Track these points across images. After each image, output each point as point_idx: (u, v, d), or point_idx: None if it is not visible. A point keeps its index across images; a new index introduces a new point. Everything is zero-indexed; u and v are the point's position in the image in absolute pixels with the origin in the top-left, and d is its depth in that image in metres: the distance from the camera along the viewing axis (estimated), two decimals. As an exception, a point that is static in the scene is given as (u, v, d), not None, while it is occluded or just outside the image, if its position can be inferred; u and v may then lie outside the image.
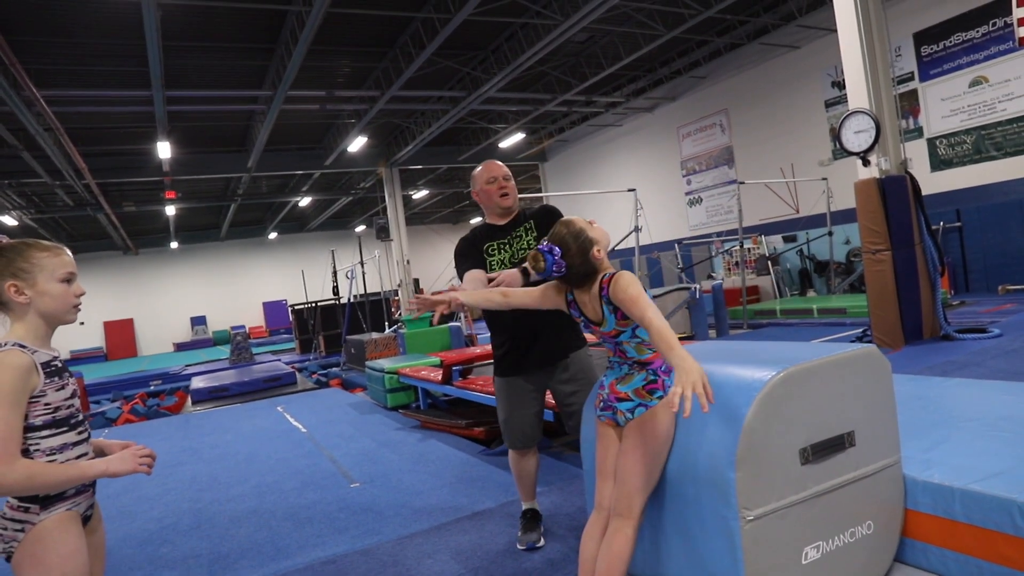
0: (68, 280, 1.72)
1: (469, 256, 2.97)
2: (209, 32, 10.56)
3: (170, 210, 21.36)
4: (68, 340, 26.63)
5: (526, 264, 2.33)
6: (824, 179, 12.00)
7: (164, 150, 13.78)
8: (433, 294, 2.71)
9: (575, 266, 2.10)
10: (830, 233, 11.72)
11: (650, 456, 2.05)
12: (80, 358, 25.03)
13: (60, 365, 1.70)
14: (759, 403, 1.90)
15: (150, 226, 25.71)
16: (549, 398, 3.10)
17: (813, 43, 13.24)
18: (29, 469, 1.54)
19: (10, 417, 1.52)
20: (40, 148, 12.92)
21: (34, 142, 12.64)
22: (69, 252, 1.78)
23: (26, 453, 1.59)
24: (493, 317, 3.00)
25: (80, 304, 1.76)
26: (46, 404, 1.61)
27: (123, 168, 16.56)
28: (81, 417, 1.72)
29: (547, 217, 3.01)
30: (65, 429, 1.65)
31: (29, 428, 1.60)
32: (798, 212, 14.07)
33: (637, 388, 2.07)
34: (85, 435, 1.72)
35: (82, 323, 26.85)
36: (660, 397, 2.05)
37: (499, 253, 2.99)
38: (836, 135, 7.37)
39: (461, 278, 2.94)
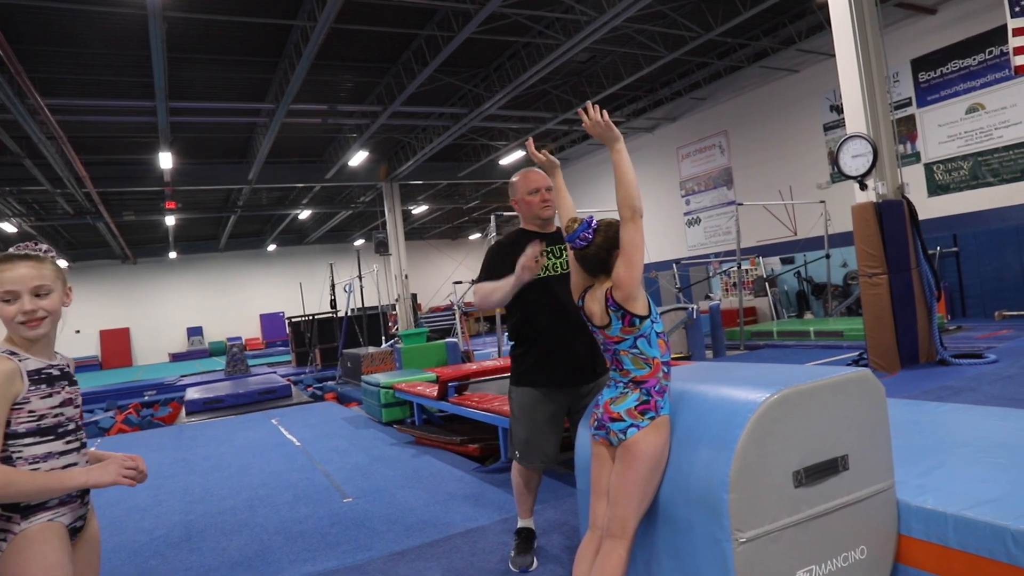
0: (7, 300, 1.66)
1: (494, 268, 2.90)
2: (213, 45, 10.65)
3: (170, 220, 21.40)
4: (63, 348, 26.33)
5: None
6: (822, 202, 12.07)
7: (165, 160, 13.83)
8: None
9: (594, 248, 2.18)
10: (827, 256, 11.76)
11: (643, 477, 2.05)
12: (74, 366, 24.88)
13: (56, 373, 1.69)
14: (753, 425, 1.90)
15: (149, 236, 25.72)
16: None
17: (812, 67, 13.39)
18: (5, 476, 1.53)
19: None
20: (42, 156, 12.96)
21: (36, 150, 12.69)
22: (21, 267, 1.69)
23: (8, 460, 1.58)
24: (525, 319, 2.93)
25: (28, 320, 1.67)
26: (30, 411, 1.60)
27: (124, 177, 16.59)
28: (72, 427, 1.70)
29: None
30: (51, 438, 1.64)
31: (12, 435, 1.58)
32: (796, 234, 14.13)
33: (630, 408, 2.08)
34: (75, 445, 1.70)
35: (78, 331, 26.77)
36: (652, 418, 2.06)
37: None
38: (834, 159, 7.42)
39: (480, 280, 2.94)
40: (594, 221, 2.21)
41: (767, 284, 13.12)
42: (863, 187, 6.73)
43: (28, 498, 1.58)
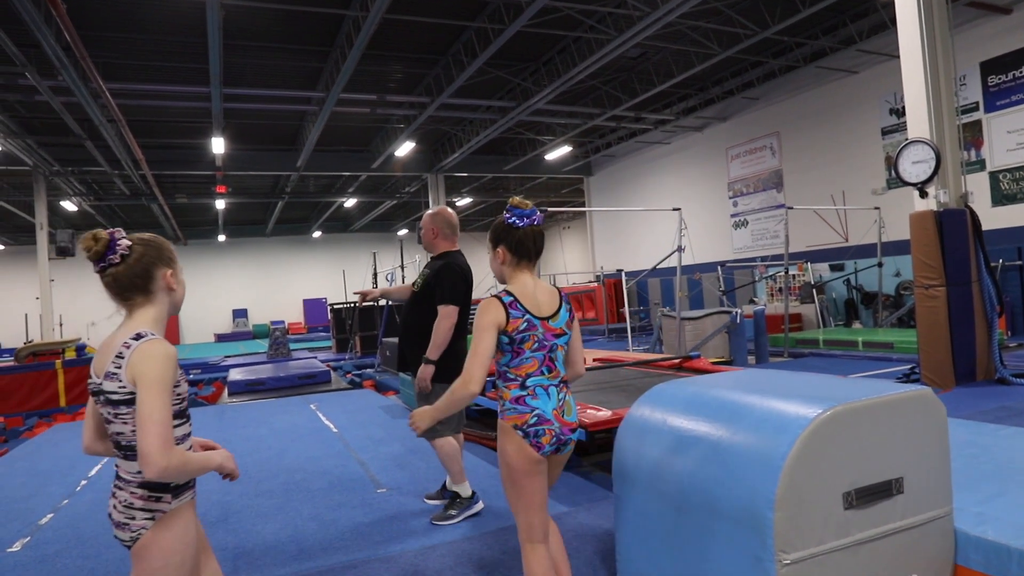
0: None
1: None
2: (268, 33, 10.83)
3: (220, 204, 21.94)
4: (116, 325, 27.44)
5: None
6: (877, 208, 11.66)
7: (218, 145, 14.16)
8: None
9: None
10: (880, 264, 11.37)
11: None
12: (126, 342, 25.74)
13: None
14: (803, 442, 1.81)
15: (200, 218, 26.44)
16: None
17: (873, 68, 12.93)
18: (183, 456, 1.59)
19: (167, 405, 1.56)
20: (102, 138, 13.41)
21: (97, 132, 13.13)
22: None
23: None
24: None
25: None
26: (178, 394, 1.66)
27: (178, 161, 17.08)
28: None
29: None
30: (185, 419, 1.71)
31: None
32: (847, 241, 13.71)
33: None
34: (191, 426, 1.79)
35: (130, 309, 27.65)
36: None
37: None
38: (893, 164, 7.14)
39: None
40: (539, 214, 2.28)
41: (815, 291, 12.77)
42: (923, 195, 6.46)
43: (192, 476, 1.67)
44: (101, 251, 1.64)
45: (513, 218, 2.17)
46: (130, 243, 1.67)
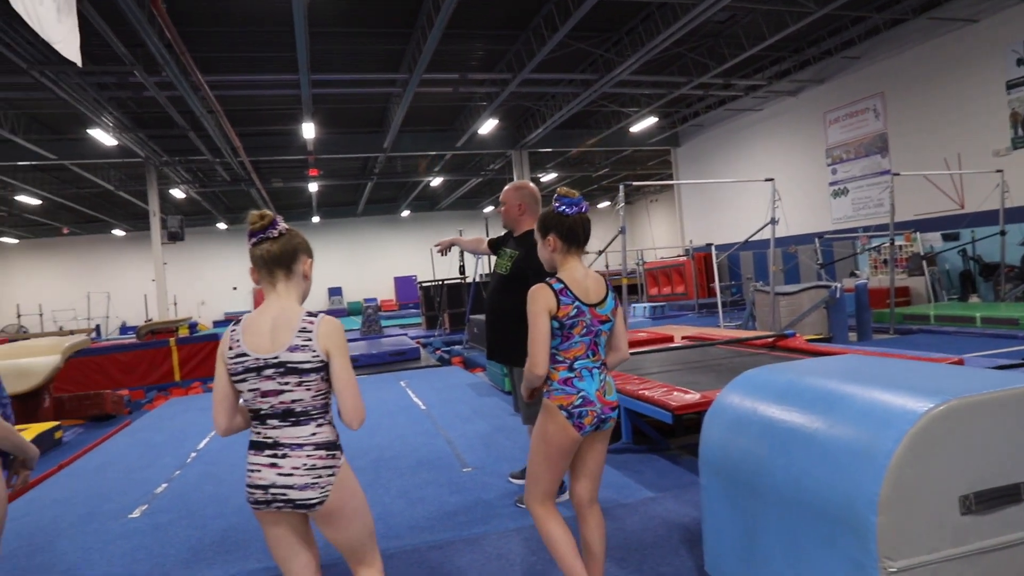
0: None
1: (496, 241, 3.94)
2: (351, 18, 11.02)
3: (313, 187, 22.78)
4: (222, 304, 29.32)
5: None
6: (999, 171, 10.64)
7: (308, 130, 14.65)
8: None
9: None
10: (1003, 232, 10.41)
11: None
12: (232, 320, 27.44)
13: None
14: (912, 439, 1.66)
15: (295, 201, 27.59)
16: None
17: (996, 15, 11.72)
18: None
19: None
20: (203, 128, 14.16)
21: (199, 123, 13.87)
22: None
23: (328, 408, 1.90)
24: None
25: None
26: None
27: (272, 147, 17.85)
28: None
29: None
30: None
31: None
32: (963, 207, 12.63)
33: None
34: None
35: (235, 288, 29.41)
36: None
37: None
38: (1021, 121, 6.46)
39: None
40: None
41: (924, 262, 11.88)
42: (1054, 155, 5.81)
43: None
44: (265, 226, 1.88)
45: (563, 207, 2.26)
46: (286, 226, 1.94)
